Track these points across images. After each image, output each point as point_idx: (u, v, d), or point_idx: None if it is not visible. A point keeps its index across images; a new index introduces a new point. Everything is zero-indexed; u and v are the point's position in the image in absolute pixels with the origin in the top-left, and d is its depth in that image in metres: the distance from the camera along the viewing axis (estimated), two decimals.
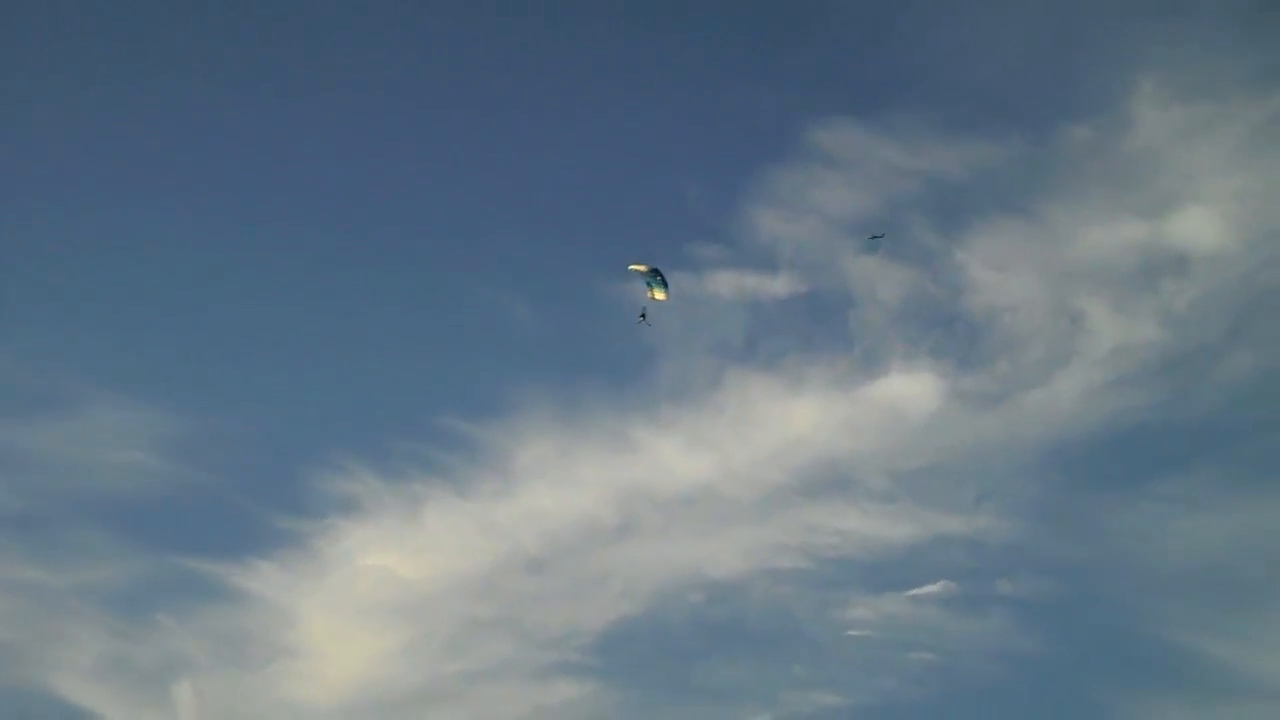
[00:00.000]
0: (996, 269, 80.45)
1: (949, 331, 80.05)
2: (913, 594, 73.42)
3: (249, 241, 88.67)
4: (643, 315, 61.08)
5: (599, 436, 79.20)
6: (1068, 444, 77.40)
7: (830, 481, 76.94)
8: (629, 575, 75.37)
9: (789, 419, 77.53)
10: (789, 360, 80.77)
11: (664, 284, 58.55)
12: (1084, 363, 76.38)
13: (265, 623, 73.51)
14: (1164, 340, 76.76)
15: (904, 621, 72.26)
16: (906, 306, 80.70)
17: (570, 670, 73.23)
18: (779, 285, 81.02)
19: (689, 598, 75.41)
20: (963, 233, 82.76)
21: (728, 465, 76.87)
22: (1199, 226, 77.61)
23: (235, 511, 79.22)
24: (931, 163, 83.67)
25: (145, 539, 77.25)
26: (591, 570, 76.02)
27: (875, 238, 77.71)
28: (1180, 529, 75.61)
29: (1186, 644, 72.98)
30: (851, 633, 72.71)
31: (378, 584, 74.78)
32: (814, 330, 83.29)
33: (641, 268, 58.29)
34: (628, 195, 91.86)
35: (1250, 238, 76.89)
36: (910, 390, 76.80)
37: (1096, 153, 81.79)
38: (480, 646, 74.87)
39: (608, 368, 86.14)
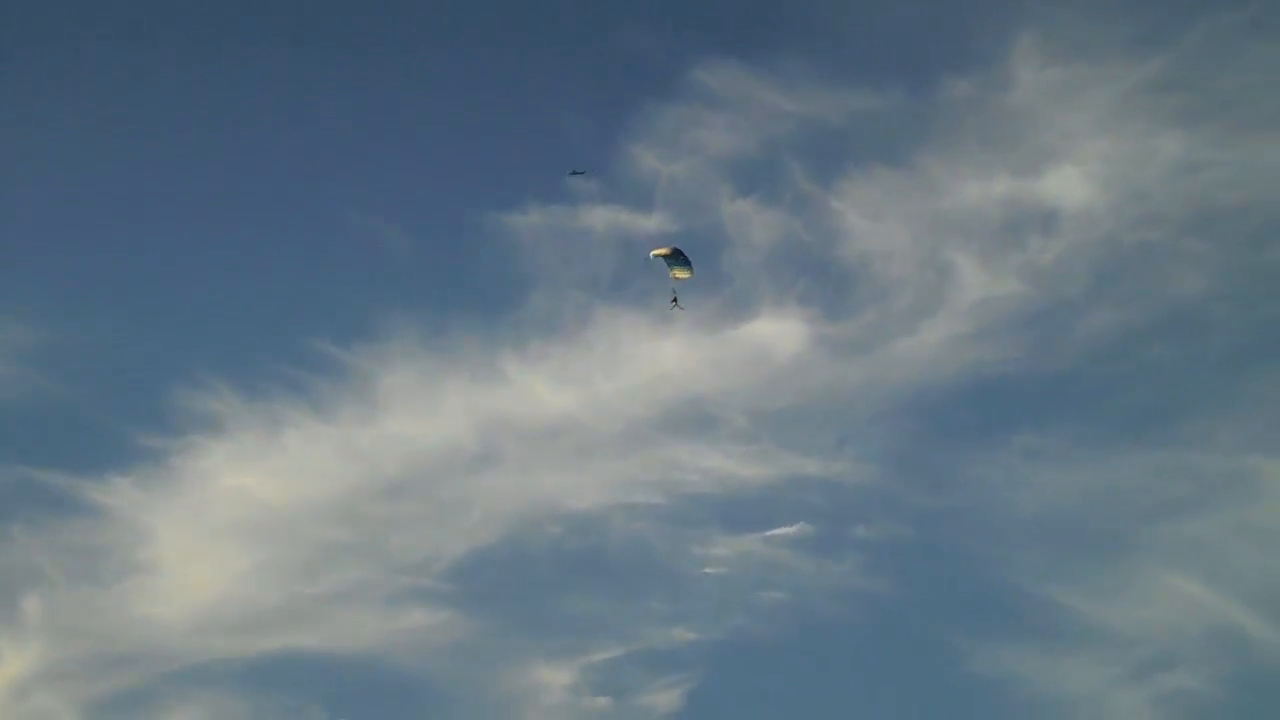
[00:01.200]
0: (870, 217, 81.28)
1: (820, 277, 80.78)
2: (769, 534, 74.21)
3: (118, 148, 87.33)
4: (674, 300, 61.86)
5: (466, 366, 79.09)
6: (929, 393, 78.63)
7: (693, 420, 77.50)
8: (489, 504, 75.48)
9: (656, 357, 78.00)
10: (659, 299, 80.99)
11: (686, 263, 57.74)
12: (950, 313, 77.55)
13: (119, 539, 72.70)
14: (1028, 295, 78.12)
15: (760, 561, 73.07)
16: (779, 251, 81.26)
17: (427, 597, 73.28)
18: (653, 223, 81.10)
19: (548, 529, 75.68)
20: (839, 180, 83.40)
21: (593, 400, 77.23)
22: (1068, 185, 78.96)
23: (93, 425, 78.23)
24: (812, 108, 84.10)
25: None
26: (452, 498, 76.02)
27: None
28: (1035, 481, 77.06)
29: (1037, 592, 74.40)
30: (708, 570, 73.40)
31: (236, 504, 74.26)
32: None
33: (664, 251, 57.68)
34: (506, 127, 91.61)
35: (1116, 199, 78.42)
36: (778, 333, 77.52)
37: (975, 108, 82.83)
38: (337, 570, 74.54)
39: (479, 299, 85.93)
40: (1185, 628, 72.13)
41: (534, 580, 77.00)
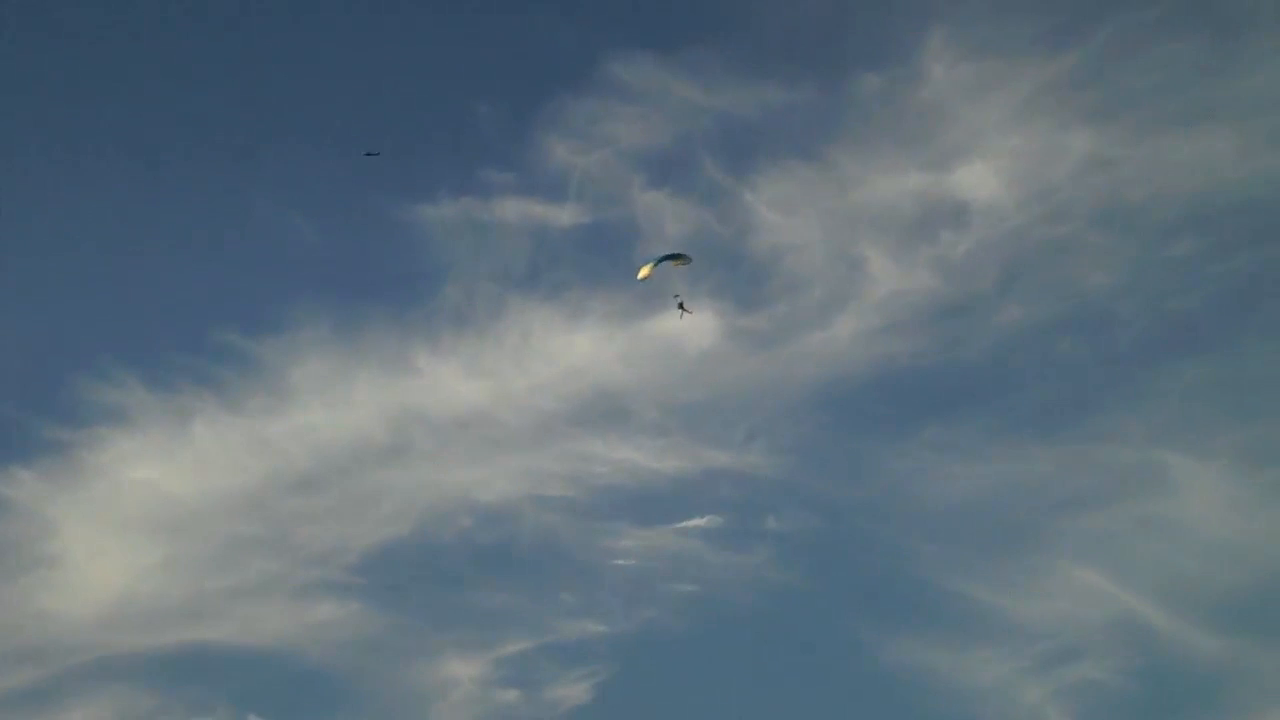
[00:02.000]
0: (783, 211, 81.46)
1: (732, 270, 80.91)
2: (680, 526, 74.36)
3: (22, 133, 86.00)
4: (681, 305, 60.65)
5: (378, 358, 78.62)
6: (840, 386, 79.05)
7: (605, 412, 77.52)
8: (399, 497, 75.19)
9: (568, 349, 77.91)
10: (571, 292, 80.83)
11: (680, 255, 55.93)
12: (861, 307, 77.91)
13: (22, 532, 71.77)
14: (939, 289, 78.66)
15: (670, 553, 73.25)
16: (692, 243, 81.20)
17: (335, 589, 72.86)
18: (566, 215, 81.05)
19: (459, 521, 75.47)
20: (752, 174, 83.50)
21: (504, 392, 77.02)
22: (978, 180, 79.56)
23: None
24: (726, 102, 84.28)
25: None
26: (362, 490, 75.64)
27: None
28: (945, 474, 77.63)
29: (947, 585, 74.99)
30: (618, 562, 73.43)
31: (143, 497, 73.54)
32: (598, 263, 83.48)
33: (648, 270, 54.85)
34: (419, 116, 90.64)
35: (1025, 194, 79.09)
36: (689, 327, 77.35)
37: (887, 103, 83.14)
38: (246, 564, 73.95)
39: (390, 290, 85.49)
40: (1091, 620, 72.94)
41: (444, 573, 76.82)
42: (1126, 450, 75.57)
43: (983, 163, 79.92)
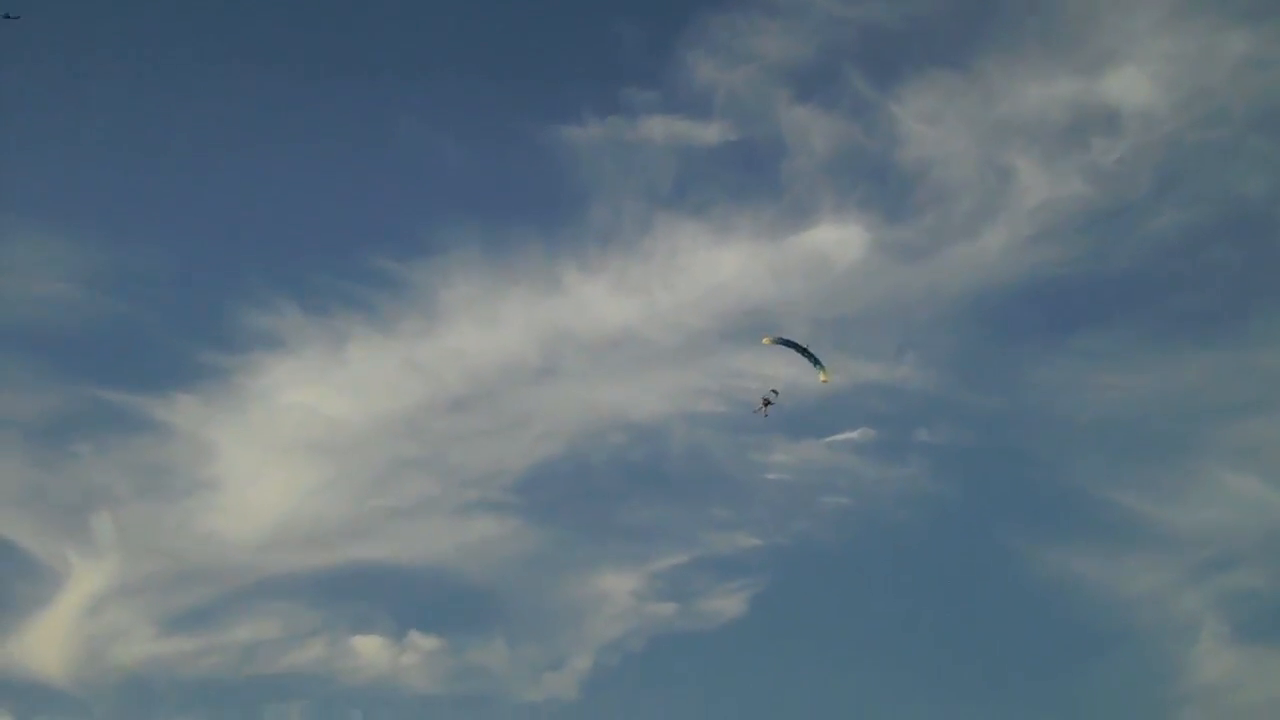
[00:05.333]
0: (929, 122, 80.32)
1: (879, 183, 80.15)
2: (831, 440, 74.38)
3: (174, 71, 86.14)
4: (767, 404, 54.25)
5: (526, 278, 79.02)
6: (991, 296, 78.39)
7: (754, 328, 76.93)
8: (551, 416, 75.83)
9: (715, 266, 77.61)
10: (718, 208, 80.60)
11: (819, 362, 51.01)
12: (1010, 217, 76.90)
13: (185, 456, 73.36)
14: (1090, 196, 77.40)
15: (822, 466, 73.45)
16: (838, 157, 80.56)
17: (492, 508, 73.81)
18: (711, 132, 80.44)
19: (610, 439, 76.04)
20: (898, 85, 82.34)
21: (653, 310, 77.05)
22: (1131, 85, 77.71)
23: (157, 344, 78.72)
24: (869, 12, 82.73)
25: (65, 370, 76.64)
26: (514, 410, 76.39)
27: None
28: (1098, 383, 77.05)
29: (1100, 495, 74.64)
30: (770, 476, 73.66)
31: (300, 421, 74.81)
32: (744, 178, 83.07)
33: (775, 340, 50.41)
34: (563, 37, 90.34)
35: (1179, 98, 77.22)
36: (838, 240, 77.01)
37: (1035, 8, 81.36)
38: (402, 484, 75.08)
39: (537, 210, 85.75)
40: (1249, 528, 72.27)
41: (598, 490, 77.53)
42: None
43: (1135, 67, 78.07)
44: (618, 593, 72.17)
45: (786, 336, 45.94)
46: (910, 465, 75.34)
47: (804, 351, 48.31)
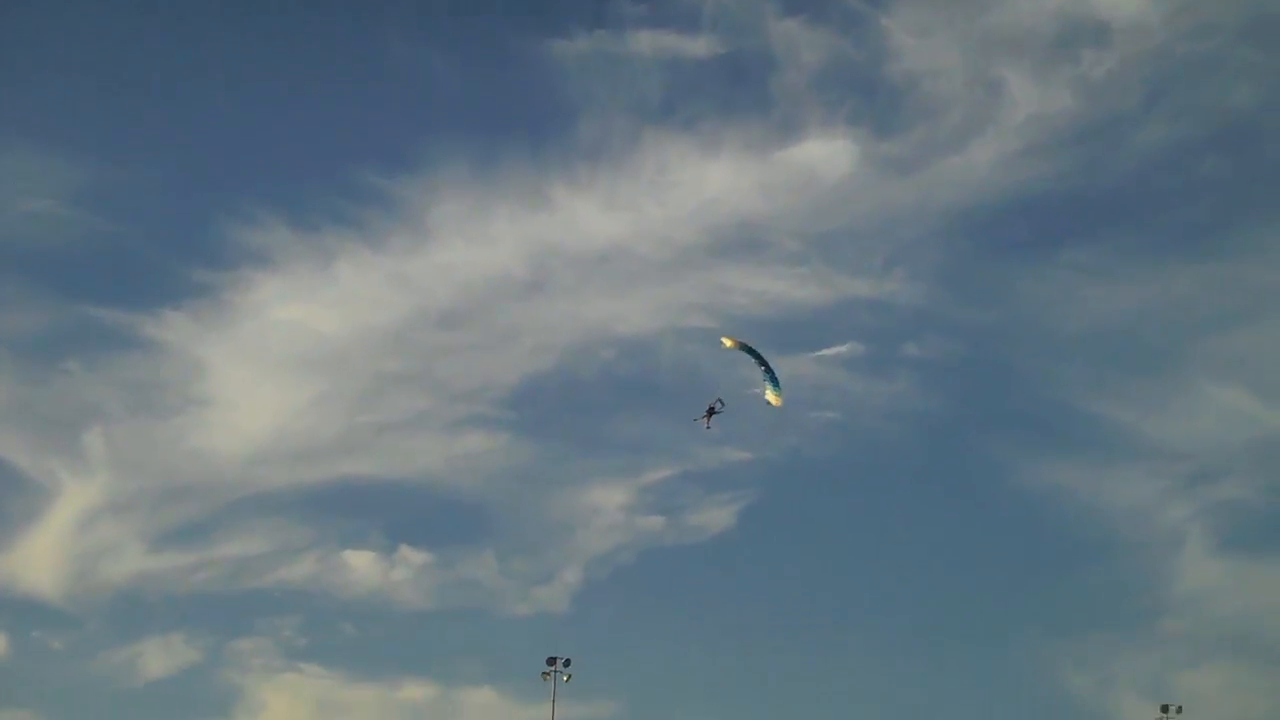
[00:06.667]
0: (918, 35, 79.37)
1: (868, 97, 79.56)
2: (819, 355, 74.50)
3: None
4: (710, 411, 45.01)
5: (515, 193, 78.64)
6: (980, 210, 78.33)
7: (742, 243, 77.33)
8: (541, 331, 76.06)
9: (704, 181, 77.22)
10: (707, 122, 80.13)
11: (776, 382, 44.15)
12: (1000, 130, 76.41)
13: (176, 373, 73.61)
14: (1080, 109, 77.00)
15: (810, 381, 73.51)
16: (827, 71, 79.84)
17: (482, 423, 74.25)
18: (699, 46, 79.45)
19: (600, 354, 76.32)
20: None
21: (642, 225, 76.79)
22: None
23: (147, 262, 78.71)
24: None
25: (55, 287, 76.80)
26: (503, 326, 76.64)
27: None
28: (1087, 296, 77.34)
29: (1087, 408, 75.22)
30: (759, 391, 73.78)
31: (290, 337, 74.87)
32: (733, 93, 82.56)
33: (733, 343, 43.53)
34: None
35: (1169, 9, 76.37)
36: (826, 154, 76.49)
37: None
38: (393, 399, 75.49)
39: (526, 126, 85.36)
40: (1235, 440, 72.80)
41: (587, 404, 78.01)
42: (1270, 268, 74.58)
43: None
44: (607, 506, 72.75)
45: (749, 344, 43.59)
46: (898, 380, 75.75)
47: (763, 365, 44.63)
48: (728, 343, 43.02)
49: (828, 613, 71.52)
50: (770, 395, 44.39)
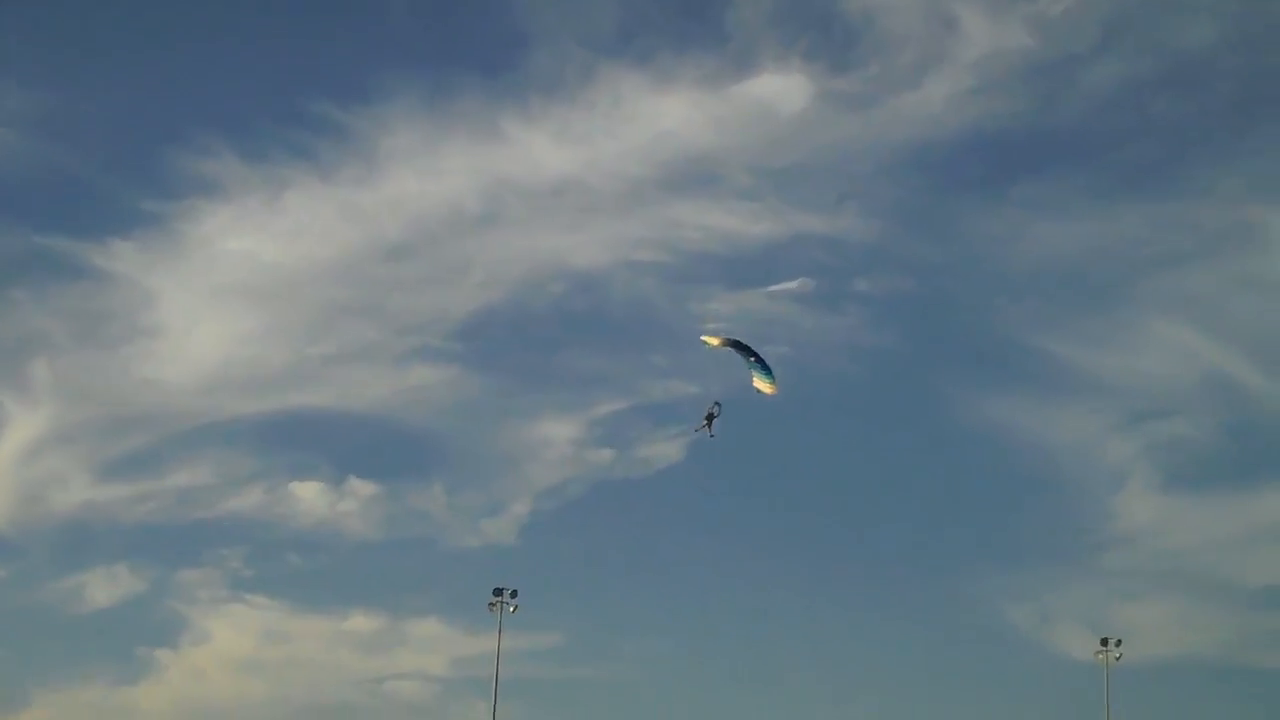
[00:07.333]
0: None
1: (823, 32, 79.47)
2: (771, 290, 74.75)
3: None
4: (708, 422, 41.85)
5: (467, 126, 78.52)
6: (932, 147, 78.77)
7: (695, 177, 77.46)
8: (492, 264, 76.18)
9: (658, 114, 77.00)
10: (661, 56, 79.96)
11: (767, 369, 40.56)
12: (954, 67, 76.56)
13: (124, 303, 73.49)
14: (1034, 48, 77.19)
15: (761, 316, 74.21)
16: (783, 6, 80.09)
17: (432, 355, 74.54)
18: None
19: (551, 288, 76.49)
20: None
21: (595, 158, 76.80)
22: None
23: (96, 191, 78.48)
24: None
25: (2, 215, 76.91)
26: (455, 258, 76.69)
27: None
28: (1038, 234, 77.94)
29: (1036, 344, 76.04)
30: (710, 325, 73.74)
31: (239, 267, 74.69)
32: (688, 26, 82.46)
33: (719, 341, 39.88)
34: None
35: None
36: (781, 89, 76.30)
37: None
38: (342, 331, 75.64)
39: (478, 58, 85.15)
40: (1182, 377, 73.82)
41: (538, 338, 78.29)
42: (1221, 208, 75.34)
43: None
44: (557, 440, 73.28)
45: (735, 337, 40.77)
46: (848, 315, 76.27)
47: (754, 356, 42.13)
48: (712, 342, 39.79)
49: (773, 546, 72.43)
50: (761, 383, 42.15)
